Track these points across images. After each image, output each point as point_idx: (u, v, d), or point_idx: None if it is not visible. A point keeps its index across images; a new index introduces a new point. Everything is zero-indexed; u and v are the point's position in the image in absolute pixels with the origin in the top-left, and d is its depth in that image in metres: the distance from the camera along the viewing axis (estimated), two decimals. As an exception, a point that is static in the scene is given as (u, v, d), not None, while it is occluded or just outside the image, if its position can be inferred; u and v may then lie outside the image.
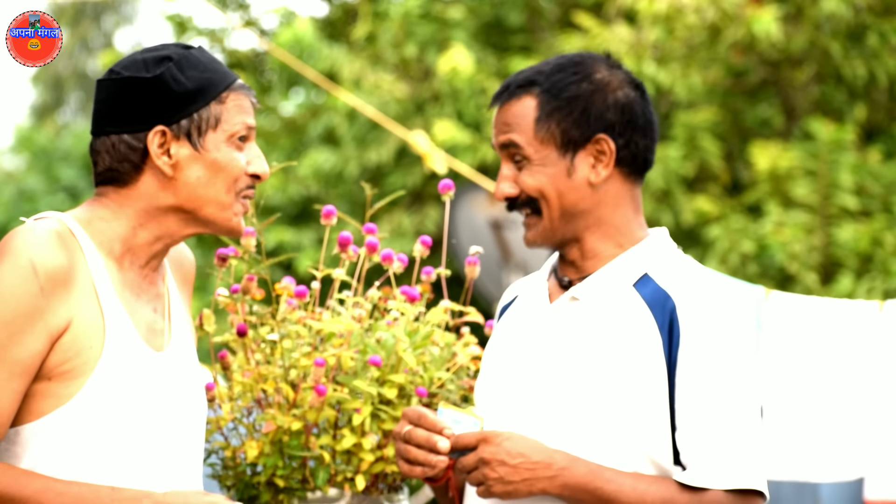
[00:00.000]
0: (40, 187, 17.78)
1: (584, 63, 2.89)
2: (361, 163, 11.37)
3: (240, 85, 2.92)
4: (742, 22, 9.74)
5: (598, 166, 2.86)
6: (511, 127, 2.88)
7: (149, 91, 2.85)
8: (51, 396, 2.76)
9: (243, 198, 2.92)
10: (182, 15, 12.37)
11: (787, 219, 9.68)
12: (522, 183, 2.87)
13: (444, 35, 11.41)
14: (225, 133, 2.87)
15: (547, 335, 2.88)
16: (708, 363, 2.75)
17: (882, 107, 10.61)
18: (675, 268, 2.85)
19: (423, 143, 7.34)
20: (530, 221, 2.90)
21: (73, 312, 2.76)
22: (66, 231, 2.81)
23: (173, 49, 2.90)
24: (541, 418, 2.84)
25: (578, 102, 2.85)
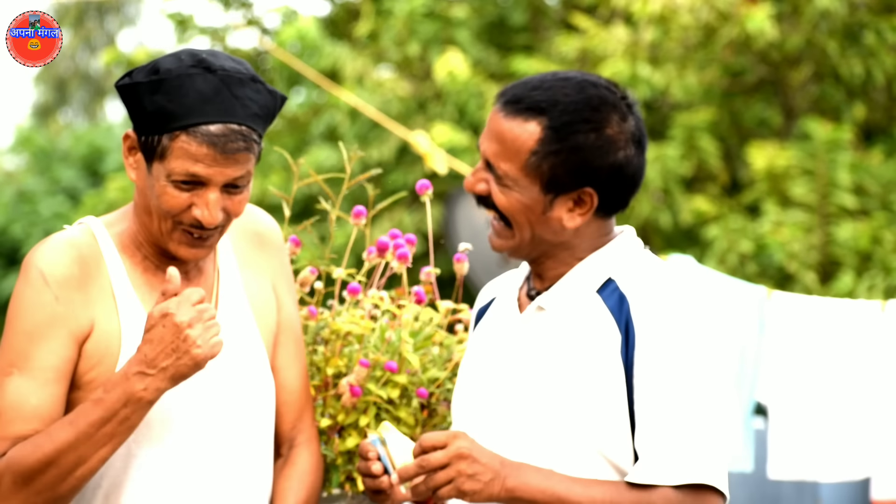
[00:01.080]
0: (40, 188, 17.76)
1: (600, 111, 2.76)
2: (363, 161, 11.37)
3: (201, 132, 2.75)
4: (737, 21, 9.74)
5: (575, 213, 2.78)
6: (505, 145, 2.76)
7: (127, 96, 2.81)
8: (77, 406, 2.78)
9: (188, 232, 2.82)
10: (183, 13, 12.37)
11: (785, 218, 9.68)
12: (496, 196, 2.79)
13: (447, 34, 11.41)
14: (165, 169, 2.77)
15: (515, 346, 2.85)
16: (661, 362, 2.70)
17: (880, 106, 10.61)
18: (638, 269, 2.80)
19: (423, 143, 7.34)
20: (498, 228, 2.82)
21: (94, 316, 2.78)
22: (85, 238, 2.82)
23: (177, 64, 2.78)
24: (508, 429, 2.81)
25: (580, 154, 2.75)
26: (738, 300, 6.16)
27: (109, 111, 26.94)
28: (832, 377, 6.06)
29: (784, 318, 6.13)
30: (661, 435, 2.69)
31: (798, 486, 7.06)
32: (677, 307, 2.74)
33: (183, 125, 2.75)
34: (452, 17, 11.45)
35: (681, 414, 2.69)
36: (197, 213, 2.79)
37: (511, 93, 2.79)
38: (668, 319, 2.72)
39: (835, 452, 6.06)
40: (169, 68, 2.77)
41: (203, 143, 2.75)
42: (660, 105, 10.93)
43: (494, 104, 2.81)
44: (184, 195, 2.78)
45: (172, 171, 2.77)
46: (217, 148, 2.75)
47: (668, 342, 2.71)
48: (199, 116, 2.75)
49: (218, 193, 2.79)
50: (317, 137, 11.91)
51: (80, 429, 2.69)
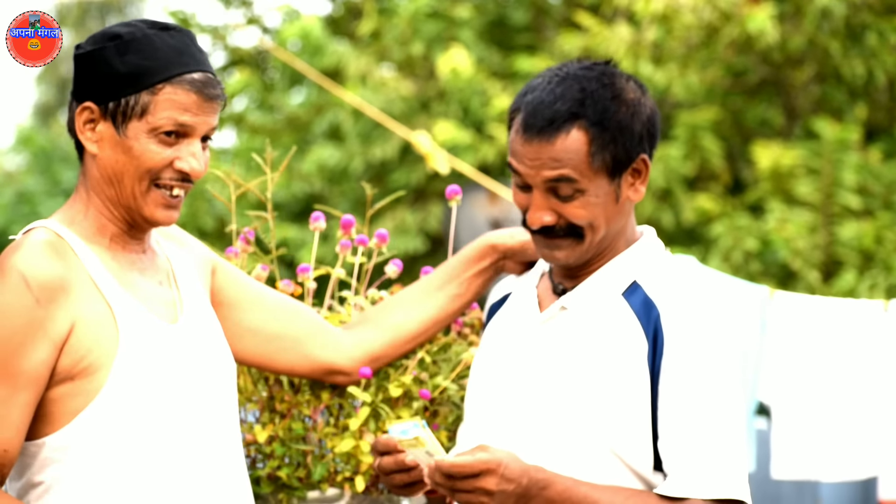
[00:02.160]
0: (40, 189, 17.77)
1: (614, 84, 2.86)
2: (366, 159, 11.38)
3: (186, 80, 2.83)
4: (739, 21, 9.74)
5: (637, 184, 2.88)
6: (563, 163, 2.82)
7: (86, 66, 2.86)
8: (79, 394, 2.79)
9: (167, 189, 2.87)
10: (185, 12, 12.38)
11: (789, 216, 9.68)
12: (571, 214, 2.83)
13: (450, 33, 11.42)
14: (148, 125, 2.82)
15: (537, 346, 2.87)
16: (690, 373, 2.73)
17: (882, 106, 10.61)
18: (663, 274, 2.85)
19: (425, 142, 7.34)
20: (565, 244, 2.86)
21: (75, 315, 2.79)
22: (53, 237, 2.83)
23: (133, 28, 2.85)
24: (529, 430, 2.83)
25: (624, 130, 2.84)
26: (741, 300, 6.16)
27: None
28: (835, 377, 6.05)
29: (786, 318, 6.12)
30: (692, 447, 2.72)
31: (798, 486, 7.07)
32: (707, 319, 2.79)
33: (165, 77, 2.82)
34: (456, 17, 11.45)
35: (711, 427, 2.73)
36: (183, 166, 2.85)
37: (538, 118, 2.84)
38: (699, 332, 2.77)
39: (838, 452, 6.05)
40: (129, 31, 2.84)
41: (190, 90, 2.83)
42: (662, 105, 10.92)
43: (523, 134, 2.85)
44: (166, 150, 2.84)
45: (157, 125, 2.82)
46: (203, 94, 2.84)
47: (699, 355, 2.75)
48: (179, 67, 2.83)
49: (199, 145, 2.87)
50: (319, 136, 11.92)
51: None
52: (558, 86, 2.86)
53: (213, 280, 3.12)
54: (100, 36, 2.86)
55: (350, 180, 11.46)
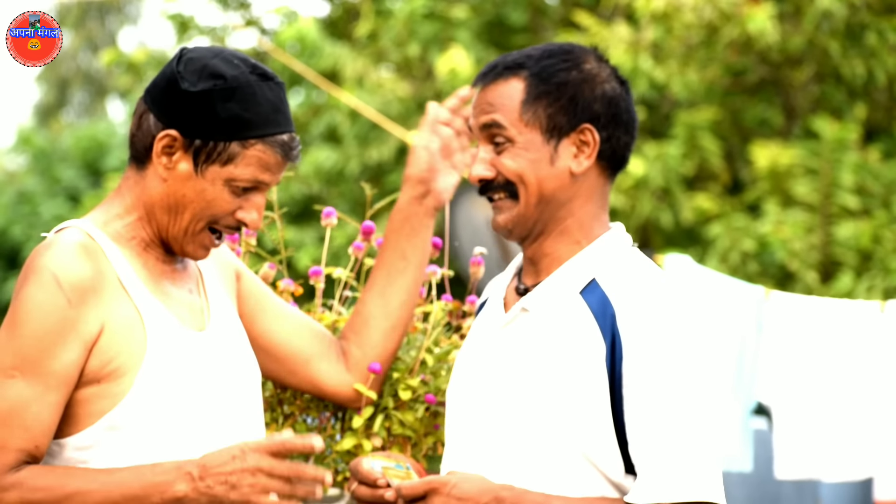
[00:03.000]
0: (40, 189, 17.75)
1: (574, 52, 2.84)
2: (363, 161, 11.38)
3: (278, 141, 2.86)
4: (739, 20, 9.74)
5: (581, 156, 2.81)
6: (495, 107, 2.82)
7: (183, 97, 2.84)
8: (105, 397, 2.80)
9: (218, 235, 2.91)
10: (183, 14, 12.38)
11: (787, 217, 9.68)
12: (501, 166, 2.82)
13: (447, 34, 11.41)
14: (229, 174, 2.85)
15: (498, 350, 2.84)
16: (652, 375, 2.68)
17: (881, 106, 10.61)
18: (622, 271, 2.79)
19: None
20: (503, 204, 2.84)
21: (105, 317, 2.80)
22: (85, 238, 2.84)
23: (237, 72, 2.85)
24: (495, 438, 2.79)
25: (567, 89, 2.80)
26: (736, 300, 6.16)
27: (111, 111, 26.95)
28: (831, 377, 6.06)
29: (782, 319, 6.13)
30: (657, 452, 2.68)
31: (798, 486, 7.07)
32: (664, 316, 2.72)
33: (260, 134, 2.85)
34: (452, 18, 11.45)
35: (676, 430, 2.68)
36: (244, 216, 2.88)
37: (486, 68, 2.87)
38: (657, 331, 2.70)
39: (835, 452, 6.06)
40: (234, 75, 2.84)
41: (278, 152, 2.86)
42: (661, 104, 10.93)
43: (474, 85, 2.89)
44: (236, 200, 2.87)
45: (238, 178, 2.85)
46: (287, 157, 2.89)
47: (659, 356, 2.69)
48: (273, 126, 2.86)
49: (264, 198, 2.92)
50: (316, 137, 11.92)
51: (109, 489, 2.74)
52: (521, 50, 2.89)
53: (238, 286, 3.13)
54: (202, 70, 2.85)
55: (347, 182, 11.46)
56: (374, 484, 2.81)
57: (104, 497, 2.73)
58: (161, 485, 2.73)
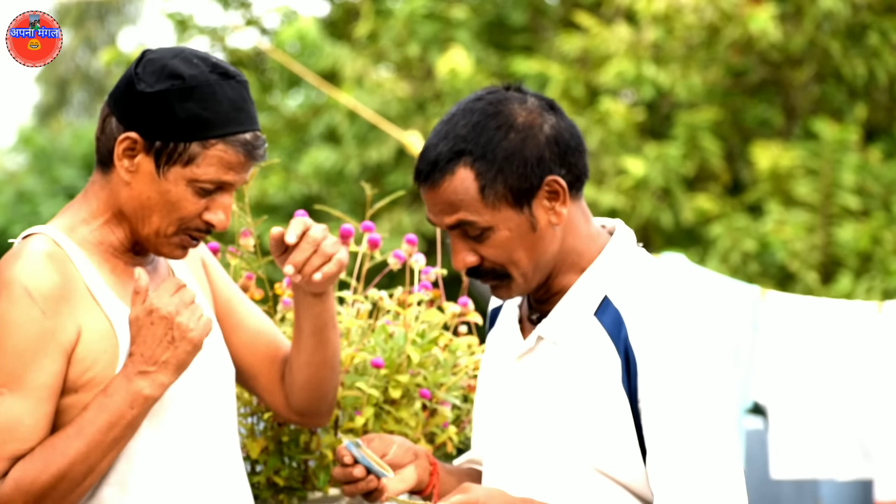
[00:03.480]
0: (40, 188, 17.75)
1: (500, 113, 2.73)
2: (362, 161, 11.38)
3: (240, 140, 2.81)
4: (740, 21, 9.74)
5: (556, 206, 2.74)
6: (455, 206, 2.72)
7: (141, 98, 2.81)
8: (83, 407, 2.79)
9: (190, 236, 2.86)
10: (183, 13, 12.38)
11: (788, 217, 9.68)
12: (486, 253, 2.75)
13: (446, 34, 11.41)
14: (192, 175, 2.81)
15: (519, 376, 2.82)
16: (667, 392, 2.66)
17: (882, 106, 10.61)
18: (632, 285, 2.75)
19: (417, 143, 7.34)
20: (499, 284, 2.78)
21: (80, 322, 2.78)
22: (52, 247, 2.81)
23: (196, 71, 2.81)
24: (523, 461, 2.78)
25: (514, 157, 2.71)
26: (732, 300, 6.15)
27: (110, 111, 26.87)
28: (827, 378, 6.05)
29: (778, 318, 6.12)
30: (677, 470, 2.67)
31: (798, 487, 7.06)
32: (675, 329, 2.69)
33: (220, 133, 2.80)
34: (452, 18, 11.45)
35: (695, 446, 2.67)
36: (212, 218, 2.84)
37: (424, 164, 2.75)
38: (669, 345, 2.68)
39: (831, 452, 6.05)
40: (193, 74, 2.80)
41: (239, 151, 2.81)
42: (661, 104, 10.93)
43: (416, 182, 2.78)
44: (202, 201, 2.83)
45: (200, 178, 2.81)
46: (250, 156, 2.83)
47: (672, 370, 2.68)
48: (234, 125, 2.81)
49: (231, 198, 2.86)
50: (316, 138, 11.92)
51: (89, 437, 2.73)
52: (447, 124, 2.75)
53: (207, 275, 3.11)
54: (161, 71, 2.81)
55: (347, 182, 11.47)
56: (343, 462, 2.82)
57: (87, 444, 2.73)
58: (124, 398, 2.73)
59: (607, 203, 10.06)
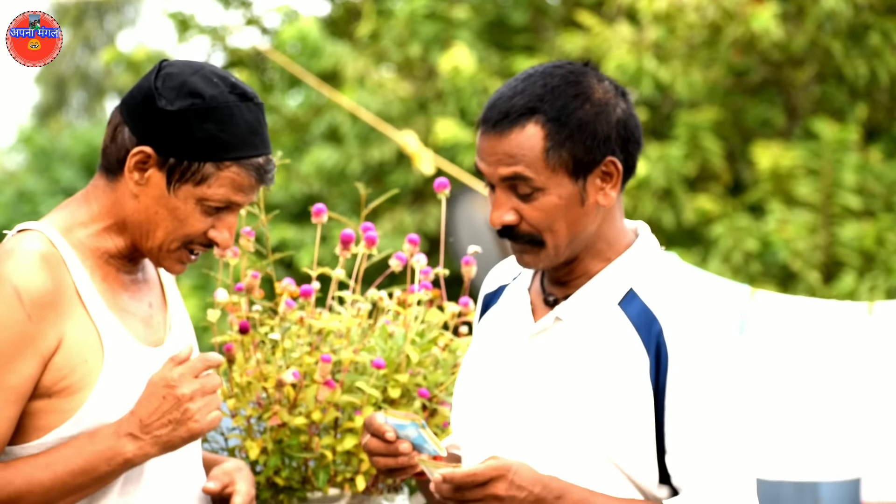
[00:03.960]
0: (39, 188, 17.77)
1: (581, 83, 2.76)
2: (364, 160, 11.38)
3: (253, 164, 2.82)
4: (742, 20, 9.74)
5: (607, 188, 2.76)
6: (517, 159, 2.72)
7: (159, 115, 2.80)
8: (55, 412, 2.76)
9: (192, 252, 2.86)
10: (184, 13, 12.38)
11: (790, 217, 9.69)
12: (529, 215, 2.74)
13: (448, 34, 11.42)
14: (202, 194, 2.80)
15: (531, 358, 2.81)
16: (699, 390, 2.68)
17: (883, 106, 10.61)
18: (661, 281, 2.77)
19: (412, 143, 7.32)
20: (529, 249, 2.77)
21: (63, 331, 2.76)
22: (48, 247, 2.79)
23: (216, 91, 2.80)
24: (528, 443, 2.76)
25: (587, 128, 2.73)
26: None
27: (109, 111, 26.95)
28: (815, 378, 6.04)
29: (767, 318, 6.12)
30: (703, 467, 2.69)
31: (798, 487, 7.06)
32: (712, 332, 2.72)
33: (235, 156, 2.80)
34: (453, 18, 11.45)
35: (722, 446, 2.69)
36: (216, 236, 2.83)
37: (494, 112, 2.76)
38: (706, 347, 2.71)
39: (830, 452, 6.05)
40: (213, 94, 2.79)
41: (252, 174, 2.81)
42: (662, 104, 10.93)
43: (481, 130, 2.78)
44: (208, 219, 2.82)
45: (210, 198, 2.80)
46: (260, 179, 2.83)
47: (706, 370, 2.69)
48: (250, 148, 2.81)
49: (236, 218, 2.86)
50: (317, 137, 11.92)
51: (56, 474, 2.71)
52: (523, 82, 2.77)
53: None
54: (180, 88, 2.80)
55: (348, 181, 11.46)
56: (384, 437, 2.79)
57: (52, 480, 2.71)
58: (105, 452, 2.71)
59: (608, 203, 10.06)
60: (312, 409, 3.31)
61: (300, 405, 3.33)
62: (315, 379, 3.29)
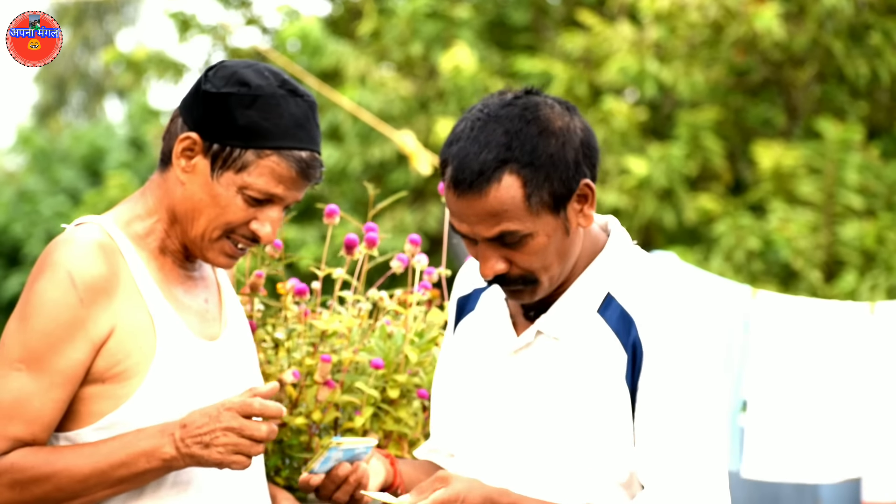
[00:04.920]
0: (40, 188, 17.79)
1: (538, 118, 2.71)
2: (364, 159, 11.38)
3: (294, 156, 2.83)
4: (744, 19, 9.74)
5: (584, 208, 2.74)
6: (499, 216, 2.69)
7: (204, 98, 2.83)
8: (108, 398, 2.78)
9: (235, 244, 2.87)
10: (185, 13, 12.38)
11: (792, 216, 9.69)
12: (520, 260, 2.72)
13: (449, 33, 11.42)
14: (243, 182, 2.82)
15: (515, 372, 2.80)
16: (666, 384, 2.67)
17: (883, 105, 10.61)
18: (636, 282, 2.76)
19: (410, 143, 7.32)
20: (524, 289, 2.75)
21: (117, 319, 2.78)
22: (105, 237, 2.82)
23: (264, 81, 2.83)
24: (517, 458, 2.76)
25: (559, 162, 2.69)
26: (723, 299, 6.15)
27: (108, 110, 26.97)
28: (816, 378, 6.04)
29: (769, 318, 6.12)
30: (668, 464, 2.68)
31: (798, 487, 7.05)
32: (686, 331, 2.71)
33: (276, 146, 2.81)
34: (455, 17, 11.46)
35: (688, 442, 2.68)
36: (257, 228, 2.85)
37: (466, 173, 2.70)
38: (678, 345, 2.70)
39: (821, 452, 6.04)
40: (259, 84, 2.82)
41: (293, 167, 2.82)
42: (663, 104, 10.93)
43: (454, 193, 2.72)
44: (250, 210, 2.83)
45: (250, 186, 2.82)
46: (303, 174, 2.84)
47: (674, 366, 2.69)
48: (292, 140, 2.83)
49: (281, 213, 2.86)
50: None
51: (97, 462, 2.73)
52: (481, 132, 2.71)
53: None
54: (230, 76, 2.83)
55: (349, 180, 11.46)
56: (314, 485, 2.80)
57: (92, 469, 2.72)
58: (148, 449, 2.72)
59: (610, 202, 10.07)
60: (313, 409, 3.30)
61: (300, 405, 3.33)
62: (315, 379, 3.29)
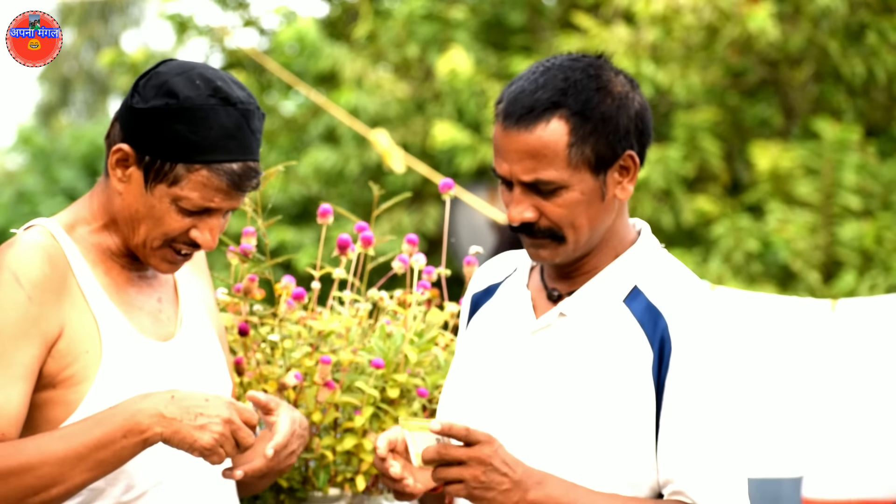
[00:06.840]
0: (39, 188, 17.78)
1: (600, 76, 2.74)
2: (361, 161, 11.39)
3: (224, 170, 2.78)
4: (739, 21, 9.75)
5: (624, 182, 2.75)
6: (538, 160, 2.69)
7: (134, 113, 2.81)
8: (61, 404, 2.77)
9: (178, 251, 2.85)
10: (182, 15, 12.39)
11: (790, 217, 9.70)
12: (550, 211, 2.71)
13: (445, 35, 11.43)
14: (175, 195, 2.80)
15: (534, 352, 2.80)
16: (697, 385, 2.68)
17: (880, 105, 10.62)
18: (664, 279, 2.77)
19: (383, 141, 7.30)
20: (548, 244, 2.74)
21: (65, 319, 2.77)
22: (49, 241, 2.81)
23: (194, 93, 2.79)
24: (531, 439, 2.76)
25: (609, 122, 2.71)
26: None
27: (112, 110, 26.95)
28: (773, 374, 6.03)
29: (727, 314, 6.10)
30: (695, 462, 2.69)
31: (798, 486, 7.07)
32: (715, 331, 2.74)
33: (205, 160, 2.78)
34: (451, 19, 11.47)
35: (715, 443, 2.69)
36: (197, 236, 2.83)
37: (517, 107, 2.72)
38: (709, 345, 2.72)
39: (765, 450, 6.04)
40: (188, 95, 2.78)
41: (223, 180, 2.79)
42: (661, 104, 10.94)
43: (502, 125, 2.73)
44: (187, 220, 2.82)
45: (183, 199, 2.80)
46: (235, 186, 2.80)
47: (707, 369, 2.70)
48: (222, 153, 2.79)
49: (220, 220, 2.84)
50: (315, 138, 11.92)
51: (73, 445, 2.69)
52: (542, 76, 2.74)
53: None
54: (160, 87, 2.80)
55: (346, 182, 11.47)
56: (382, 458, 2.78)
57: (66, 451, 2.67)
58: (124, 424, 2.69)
59: (608, 203, 10.07)
60: (313, 410, 3.31)
61: (300, 406, 3.34)
62: (315, 381, 3.30)
